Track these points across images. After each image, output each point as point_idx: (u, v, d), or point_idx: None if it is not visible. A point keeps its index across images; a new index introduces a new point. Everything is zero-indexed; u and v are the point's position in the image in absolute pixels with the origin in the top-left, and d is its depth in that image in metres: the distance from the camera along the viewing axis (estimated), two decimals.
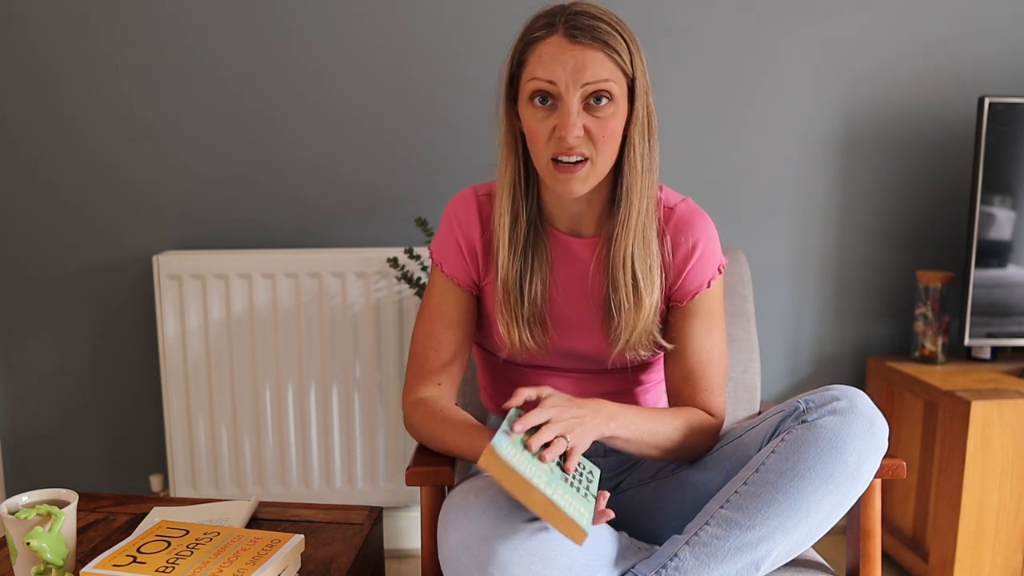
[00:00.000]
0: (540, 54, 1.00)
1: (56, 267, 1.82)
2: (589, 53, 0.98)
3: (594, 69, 0.98)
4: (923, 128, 1.90)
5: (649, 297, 1.08)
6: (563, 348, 1.16)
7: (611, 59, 0.99)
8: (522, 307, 1.10)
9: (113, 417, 1.88)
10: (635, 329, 1.08)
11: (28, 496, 1.04)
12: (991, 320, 1.77)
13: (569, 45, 0.98)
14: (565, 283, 1.13)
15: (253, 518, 1.24)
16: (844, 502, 0.95)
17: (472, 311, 1.17)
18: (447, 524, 0.92)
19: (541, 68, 0.99)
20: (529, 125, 1.02)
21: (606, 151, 1.02)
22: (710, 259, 1.12)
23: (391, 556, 1.91)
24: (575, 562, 0.89)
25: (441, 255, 1.16)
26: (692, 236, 1.11)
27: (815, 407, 0.97)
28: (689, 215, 1.12)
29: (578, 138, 0.99)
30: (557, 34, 0.99)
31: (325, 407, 1.77)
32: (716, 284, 1.12)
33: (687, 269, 1.11)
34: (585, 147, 1.00)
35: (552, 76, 0.98)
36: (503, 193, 1.09)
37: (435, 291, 1.17)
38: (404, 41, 1.78)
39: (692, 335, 1.12)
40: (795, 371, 1.98)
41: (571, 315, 1.14)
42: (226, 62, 1.76)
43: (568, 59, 0.98)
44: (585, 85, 0.98)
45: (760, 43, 1.83)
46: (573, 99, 0.98)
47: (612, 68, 0.99)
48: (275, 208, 1.83)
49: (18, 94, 1.76)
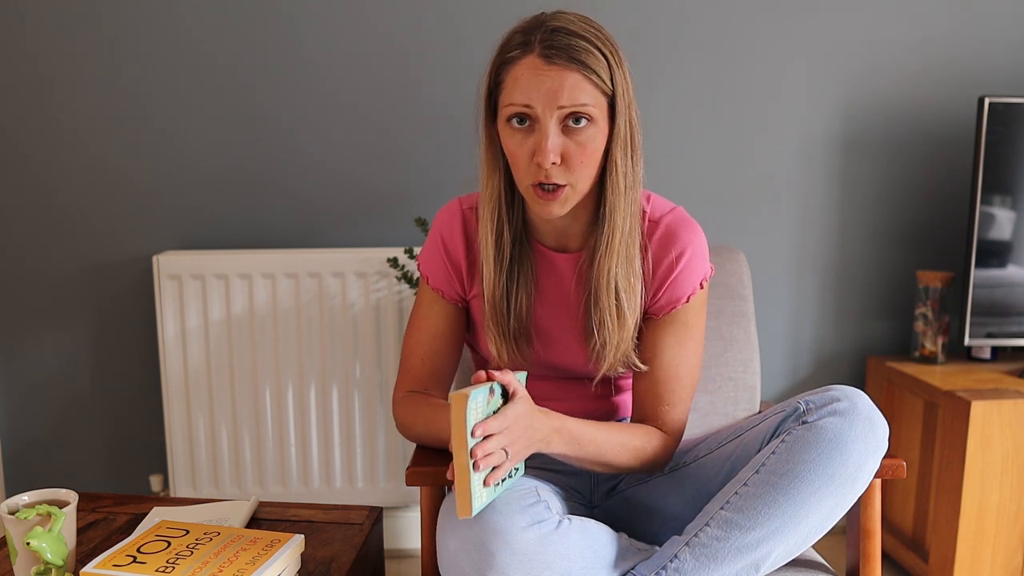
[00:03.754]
0: (516, 76, 0.97)
1: (56, 267, 1.82)
2: (565, 75, 0.95)
3: (570, 92, 0.95)
4: (923, 128, 1.90)
5: (632, 316, 1.07)
6: (547, 361, 1.16)
7: (588, 80, 0.95)
8: (508, 322, 1.10)
9: (113, 417, 1.88)
10: (618, 349, 1.08)
11: (28, 496, 1.04)
12: (991, 320, 1.77)
13: (544, 67, 0.95)
14: (549, 298, 1.13)
15: (253, 518, 1.24)
16: (844, 503, 0.95)
17: (459, 321, 1.18)
18: (446, 529, 0.92)
19: (518, 92, 0.96)
20: (509, 147, 1.00)
21: (585, 175, 1.00)
22: (692, 273, 1.09)
23: (391, 556, 1.91)
24: (574, 565, 0.89)
25: (427, 268, 1.17)
26: (675, 250, 1.08)
27: (815, 408, 0.96)
28: (676, 228, 1.09)
29: (555, 165, 0.97)
30: (532, 54, 0.96)
31: (325, 407, 1.77)
32: (696, 299, 1.10)
33: (667, 283, 1.09)
34: (562, 176, 0.98)
35: (528, 100, 0.96)
36: (486, 211, 1.07)
37: (422, 303, 1.18)
38: (406, 41, 1.78)
39: (662, 347, 1.10)
40: (795, 371, 1.98)
41: (554, 329, 1.14)
42: (227, 62, 1.76)
43: (544, 80, 0.95)
44: (561, 108, 0.95)
45: (760, 42, 1.83)
46: (550, 122, 0.96)
47: (590, 90, 0.96)
48: (275, 208, 1.83)
49: (18, 94, 1.76)
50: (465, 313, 1.18)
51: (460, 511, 0.86)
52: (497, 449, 0.88)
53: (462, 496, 0.86)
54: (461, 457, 0.86)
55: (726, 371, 1.48)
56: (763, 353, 1.93)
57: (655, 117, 1.84)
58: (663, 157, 1.86)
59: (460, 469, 0.86)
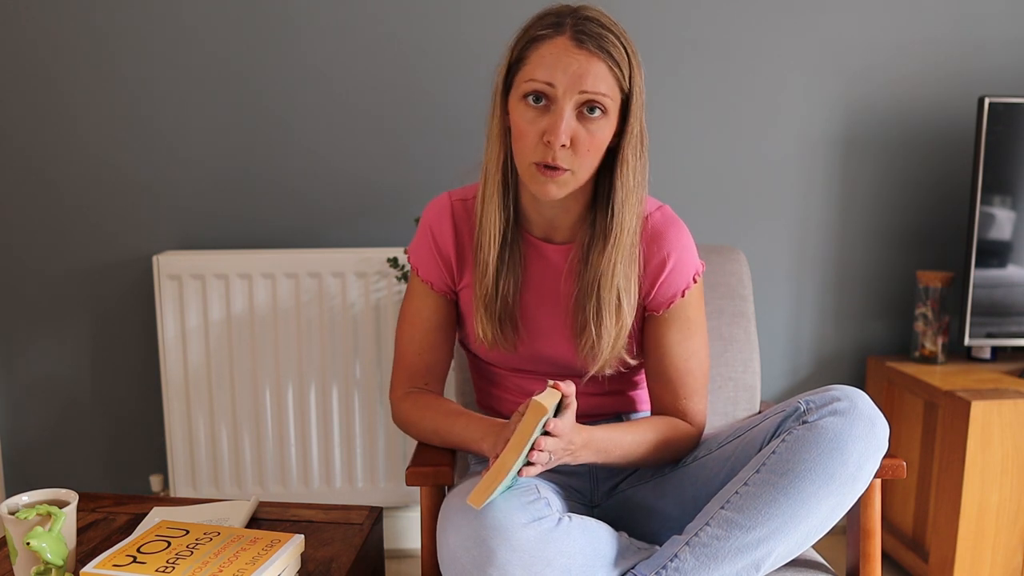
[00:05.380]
0: (543, 54, 0.98)
1: (56, 267, 1.82)
2: (593, 61, 0.97)
3: (594, 79, 0.97)
4: (923, 128, 1.90)
5: (630, 313, 1.08)
6: (532, 352, 1.16)
7: (612, 73, 0.98)
8: (495, 302, 1.11)
9: (113, 417, 1.88)
10: (614, 347, 1.09)
11: (28, 496, 1.04)
12: (991, 320, 1.77)
13: (575, 49, 0.97)
14: (536, 288, 1.14)
15: (253, 518, 1.24)
16: (845, 502, 0.95)
17: (451, 314, 1.19)
18: (446, 526, 0.92)
19: (542, 69, 0.98)
20: (518, 124, 1.01)
21: (587, 163, 1.01)
22: (684, 269, 1.11)
23: (391, 556, 1.91)
24: (574, 563, 0.89)
25: (418, 260, 1.18)
26: (664, 248, 1.10)
27: (816, 407, 0.97)
28: (663, 226, 1.11)
29: (563, 148, 0.98)
30: (564, 35, 0.98)
31: (325, 407, 1.77)
32: (692, 292, 1.12)
33: (659, 281, 1.10)
34: (567, 160, 0.99)
35: (551, 78, 0.97)
36: (490, 184, 1.07)
37: (413, 295, 1.19)
38: (407, 41, 1.78)
39: (670, 343, 1.12)
40: (795, 371, 1.98)
41: (541, 319, 1.14)
42: (227, 62, 1.76)
43: (571, 63, 0.97)
44: (583, 92, 0.97)
45: (760, 43, 1.83)
46: (568, 104, 0.97)
47: (611, 82, 0.98)
48: (275, 208, 1.83)
49: (18, 94, 1.75)
50: (455, 306, 1.19)
51: (474, 499, 0.88)
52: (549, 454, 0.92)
53: (484, 490, 0.88)
54: (511, 458, 0.88)
55: (726, 371, 1.48)
56: (763, 353, 1.93)
57: (655, 117, 1.84)
58: (664, 157, 1.86)
59: (502, 467, 0.88)
